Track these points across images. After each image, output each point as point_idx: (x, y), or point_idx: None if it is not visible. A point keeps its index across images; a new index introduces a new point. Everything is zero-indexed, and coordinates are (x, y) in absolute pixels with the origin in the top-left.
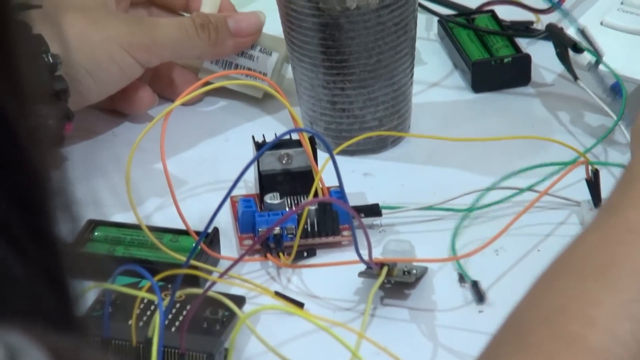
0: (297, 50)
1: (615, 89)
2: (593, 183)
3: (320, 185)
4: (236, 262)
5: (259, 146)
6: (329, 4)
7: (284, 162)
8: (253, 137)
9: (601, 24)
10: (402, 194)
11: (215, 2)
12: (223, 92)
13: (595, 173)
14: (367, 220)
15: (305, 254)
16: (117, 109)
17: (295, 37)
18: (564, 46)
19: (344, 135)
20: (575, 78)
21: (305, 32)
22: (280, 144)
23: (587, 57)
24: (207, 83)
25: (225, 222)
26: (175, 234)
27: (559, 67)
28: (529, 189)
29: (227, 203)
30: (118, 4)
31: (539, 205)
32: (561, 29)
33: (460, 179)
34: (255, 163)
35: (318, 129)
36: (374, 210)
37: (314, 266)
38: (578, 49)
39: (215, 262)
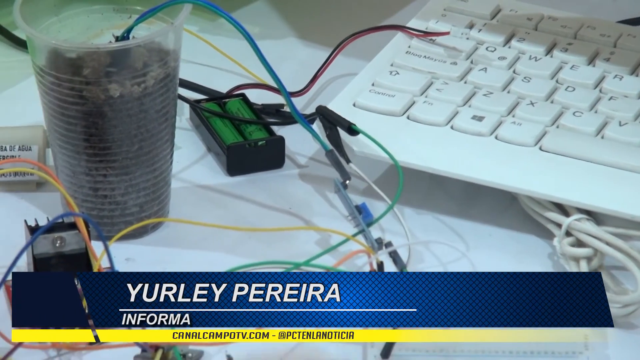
0: (59, 137)
1: (360, 209)
2: None
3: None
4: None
5: (33, 230)
6: (92, 92)
7: (57, 245)
8: (25, 222)
9: (354, 105)
10: None
11: None
12: None
13: (380, 265)
14: None
15: None
16: None
17: (58, 125)
18: (336, 128)
19: (105, 221)
20: (348, 161)
21: (68, 120)
22: (53, 227)
23: (361, 141)
24: None
25: None
26: None
27: (310, 149)
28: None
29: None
30: None
31: None
32: (332, 111)
33: (224, 261)
34: (29, 247)
35: None
36: None
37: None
38: (353, 131)
39: None
